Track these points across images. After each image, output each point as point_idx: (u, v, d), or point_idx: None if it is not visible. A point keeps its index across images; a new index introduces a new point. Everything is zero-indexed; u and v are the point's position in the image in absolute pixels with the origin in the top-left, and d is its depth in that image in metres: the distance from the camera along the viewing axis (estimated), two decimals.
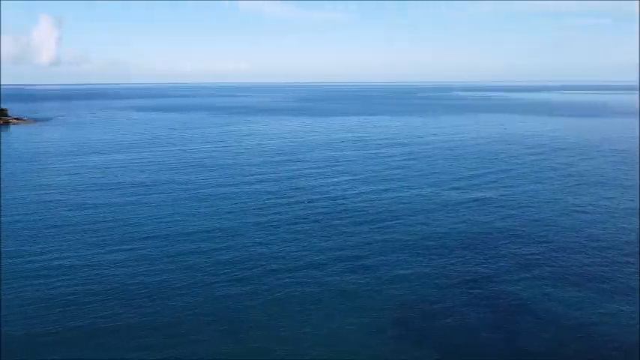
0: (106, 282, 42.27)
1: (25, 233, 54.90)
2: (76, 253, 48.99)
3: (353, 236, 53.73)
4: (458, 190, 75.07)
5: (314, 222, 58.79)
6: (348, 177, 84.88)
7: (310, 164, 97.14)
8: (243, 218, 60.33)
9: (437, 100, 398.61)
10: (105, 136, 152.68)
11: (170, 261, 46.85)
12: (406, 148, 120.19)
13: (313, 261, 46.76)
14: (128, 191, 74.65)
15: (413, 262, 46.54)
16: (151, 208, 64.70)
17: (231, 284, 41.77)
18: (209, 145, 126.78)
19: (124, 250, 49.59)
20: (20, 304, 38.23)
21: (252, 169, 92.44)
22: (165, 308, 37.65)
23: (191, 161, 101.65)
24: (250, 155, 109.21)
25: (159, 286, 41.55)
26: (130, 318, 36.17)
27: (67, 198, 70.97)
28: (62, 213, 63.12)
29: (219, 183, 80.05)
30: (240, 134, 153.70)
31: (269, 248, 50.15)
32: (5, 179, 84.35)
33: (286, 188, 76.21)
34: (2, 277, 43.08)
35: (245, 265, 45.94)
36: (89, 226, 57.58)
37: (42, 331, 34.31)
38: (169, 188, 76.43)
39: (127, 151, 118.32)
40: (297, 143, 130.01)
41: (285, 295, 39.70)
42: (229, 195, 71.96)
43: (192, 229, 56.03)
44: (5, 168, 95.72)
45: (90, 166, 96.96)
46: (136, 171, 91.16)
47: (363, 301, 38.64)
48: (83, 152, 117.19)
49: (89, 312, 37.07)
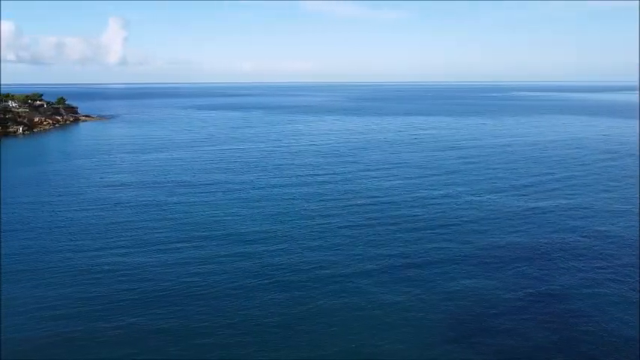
0: (158, 282, 42.97)
1: (92, 229, 57.17)
2: (131, 250, 50.37)
3: (405, 243, 52.05)
4: (517, 196, 71.35)
5: (366, 226, 57.51)
6: (404, 180, 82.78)
7: (365, 165, 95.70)
8: (295, 221, 59.93)
9: (495, 101, 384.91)
10: (165, 134, 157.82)
11: (222, 261, 47.11)
12: (464, 150, 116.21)
13: (364, 268, 45.54)
14: (185, 190, 76.20)
15: (467, 273, 44.36)
16: (206, 209, 65.58)
17: (279, 289, 41.33)
18: (265, 145, 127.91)
19: (176, 250, 50.38)
20: (82, 301, 39.55)
21: (306, 169, 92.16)
22: (214, 310, 37.72)
23: (247, 160, 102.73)
24: (305, 155, 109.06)
25: (209, 287, 41.76)
26: (180, 319, 36.49)
27: (125, 196, 73.36)
28: (120, 211, 65.22)
29: (273, 184, 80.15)
30: (297, 134, 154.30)
31: (319, 253, 49.40)
32: (72, 175, 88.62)
33: (339, 190, 75.27)
34: (68, 273, 44.81)
35: (295, 269, 45.41)
36: (146, 223, 59.15)
37: (102, 328, 35.34)
38: (224, 188, 77.40)
39: (185, 148, 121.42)
40: (353, 143, 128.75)
41: (332, 303, 38.75)
42: (283, 196, 71.86)
43: (244, 231, 56.21)
44: (73, 163, 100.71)
45: (149, 164, 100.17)
46: (193, 170, 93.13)
47: (413, 314, 37.04)
48: (143, 149, 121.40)
49: (147, 312, 37.77)
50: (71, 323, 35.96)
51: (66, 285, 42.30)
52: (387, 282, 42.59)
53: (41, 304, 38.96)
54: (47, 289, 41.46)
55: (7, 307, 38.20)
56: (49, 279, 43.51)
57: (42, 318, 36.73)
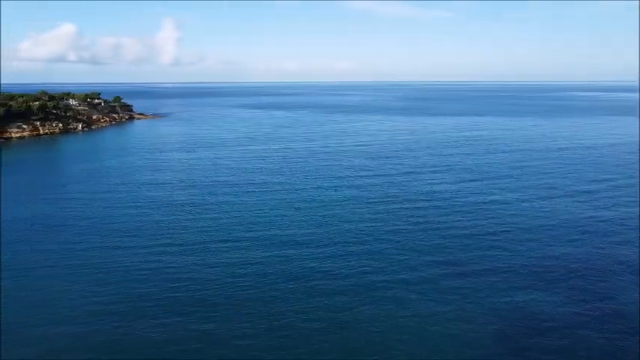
0: (201, 283, 43.42)
1: (140, 227, 58.79)
2: (176, 249, 51.31)
3: (451, 251, 50.37)
4: (574, 203, 67.78)
5: (411, 232, 56.03)
6: (452, 183, 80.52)
7: (411, 168, 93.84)
8: (338, 224, 59.21)
9: (549, 101, 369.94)
10: (213, 132, 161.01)
11: (264, 263, 47.09)
12: (516, 153, 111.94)
13: (407, 276, 44.28)
14: (230, 190, 77.07)
15: (517, 285, 42.29)
16: (250, 210, 65.99)
17: (319, 294, 40.74)
18: (311, 144, 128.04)
19: (219, 251, 50.80)
20: (126, 299, 40.57)
21: (351, 171, 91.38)
22: (255, 312, 37.70)
23: (292, 160, 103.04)
24: (350, 156, 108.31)
25: (251, 290, 41.78)
26: (221, 321, 36.62)
27: (173, 195, 75.05)
28: (168, 210, 66.69)
29: (317, 185, 79.83)
30: (342, 133, 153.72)
31: (362, 258, 48.45)
32: (124, 172, 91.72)
33: (385, 193, 74.08)
34: (115, 270, 46.15)
35: (336, 275, 44.69)
36: (191, 223, 60.19)
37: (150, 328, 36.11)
38: (269, 188, 77.69)
39: (232, 147, 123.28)
40: (399, 144, 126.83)
41: (373, 311, 37.80)
42: (326, 198, 71.40)
43: (286, 233, 56.05)
44: (126, 160, 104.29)
45: (197, 162, 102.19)
46: (239, 169, 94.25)
47: (457, 326, 35.55)
48: (193, 147, 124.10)
49: (189, 312, 38.26)
50: (114, 320, 36.81)
51: (110, 282, 43.43)
52: (431, 291, 41.29)
53: (87, 299, 40.17)
54: (93, 285, 42.69)
55: (59, 300, 39.65)
56: (96, 275, 44.82)
57: (89, 313, 37.85)
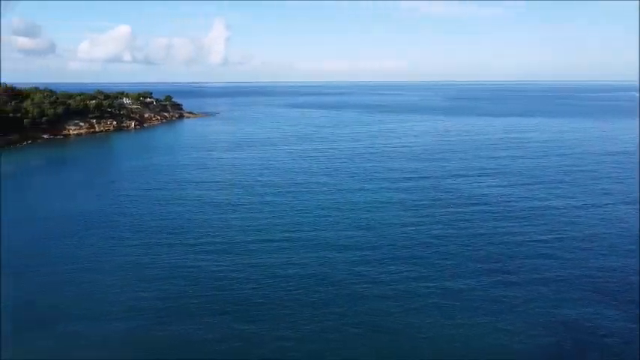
0: (243, 283, 43.72)
1: (185, 226, 60.05)
2: (219, 248, 51.98)
3: (501, 258, 48.50)
4: (632, 211, 64.00)
5: (457, 237, 54.44)
6: (502, 187, 77.82)
7: (459, 170, 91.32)
8: (382, 227, 58.29)
9: (603, 102, 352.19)
10: (259, 131, 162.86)
11: (306, 265, 46.95)
12: (570, 155, 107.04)
13: (453, 284, 42.93)
14: (275, 191, 77.39)
15: (573, 298, 40.14)
16: (294, 211, 66.08)
17: (360, 300, 40.16)
18: (357, 144, 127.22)
19: (261, 252, 51.07)
20: (167, 297, 41.37)
21: (396, 172, 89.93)
22: (307, 315, 37.61)
23: (337, 161, 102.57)
24: (397, 157, 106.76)
25: (292, 292, 41.70)
26: (263, 321, 36.71)
27: (217, 194, 76.22)
28: (211, 209, 67.78)
29: (361, 187, 78.88)
30: (389, 134, 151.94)
31: (405, 263, 47.47)
32: (172, 170, 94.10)
33: (431, 196, 72.32)
34: (158, 269, 47.21)
35: (377, 280, 43.94)
36: (234, 222, 60.90)
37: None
38: (313, 189, 77.56)
39: (278, 146, 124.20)
40: (447, 145, 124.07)
41: (414, 321, 36.85)
42: (371, 200, 70.40)
43: (328, 235, 55.64)
44: (174, 158, 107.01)
45: (243, 161, 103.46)
46: (284, 169, 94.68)
47: (507, 341, 34.12)
48: (239, 146, 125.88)
49: (231, 313, 38.58)
50: (155, 317, 37.55)
51: (152, 279, 44.38)
52: (477, 299, 39.87)
53: (130, 296, 41.19)
54: (137, 282, 43.77)
55: (102, 295, 40.86)
56: (140, 272, 45.95)
57: (130, 309, 38.78)
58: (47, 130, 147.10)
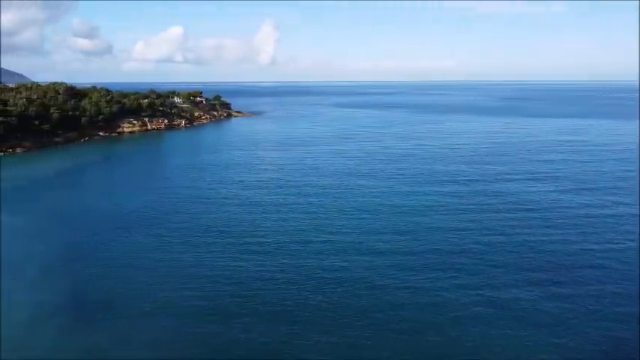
0: (286, 286, 43.80)
1: (231, 226, 60.96)
2: (264, 250, 52.36)
3: (558, 270, 46.38)
4: None
5: (507, 244, 52.59)
6: (554, 191, 74.40)
7: (510, 174, 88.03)
8: (426, 232, 56.89)
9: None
10: (306, 131, 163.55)
11: (348, 269, 46.60)
12: (628, 161, 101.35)
13: (501, 297, 41.27)
14: (318, 191, 77.29)
15: (627, 313, 38.04)
16: (338, 213, 65.73)
17: (398, 307, 39.43)
18: (404, 144, 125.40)
19: (301, 256, 50.99)
20: (211, 299, 42.00)
21: (444, 174, 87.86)
22: (346, 321, 37.33)
23: (384, 162, 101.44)
24: (444, 158, 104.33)
25: (340, 297, 41.53)
26: (302, 323, 36.66)
27: (262, 194, 76.81)
28: (256, 209, 68.39)
29: (409, 190, 77.37)
30: (438, 134, 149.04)
31: (449, 272, 46.19)
32: (219, 168, 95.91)
33: (478, 198, 70.10)
34: (202, 270, 48.07)
35: (425, 281, 43.12)
36: (279, 223, 61.16)
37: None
38: (358, 191, 76.87)
39: (324, 146, 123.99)
40: (498, 147, 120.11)
41: (466, 323, 35.92)
42: (416, 203, 68.86)
43: (371, 239, 54.86)
44: (222, 156, 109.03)
45: (289, 160, 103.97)
46: (330, 169, 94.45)
47: (559, 353, 32.71)
48: (285, 145, 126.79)
49: (279, 315, 38.79)
50: (196, 318, 38.04)
51: (194, 277, 45.05)
52: (521, 311, 38.10)
53: (170, 294, 42.03)
54: (177, 280, 44.60)
55: (142, 292, 41.94)
56: (181, 270, 46.78)
57: (170, 308, 39.58)
58: (103, 127, 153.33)
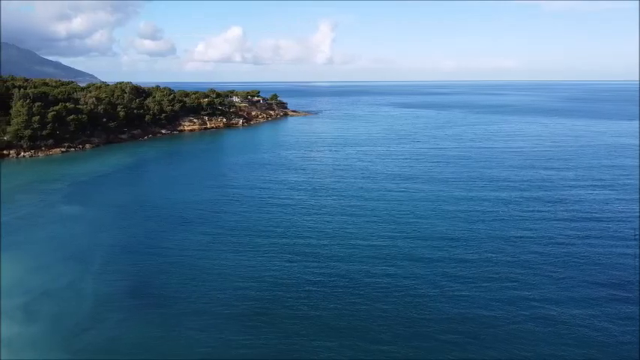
0: (340, 288, 43.67)
1: (284, 225, 61.53)
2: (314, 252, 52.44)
3: (620, 280, 43.65)
4: None
5: (568, 252, 50.09)
6: (624, 198, 70.13)
7: (575, 178, 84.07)
8: (484, 235, 55.22)
9: None
10: (363, 131, 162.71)
11: (400, 275, 45.86)
12: None
13: (563, 296, 39.52)
14: (375, 195, 76.52)
15: None
16: (391, 215, 64.85)
17: (464, 315, 38.32)
18: (461, 145, 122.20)
19: (358, 261, 50.66)
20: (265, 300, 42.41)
21: (503, 179, 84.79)
22: (400, 323, 36.73)
23: (441, 162, 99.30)
24: (504, 160, 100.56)
25: (392, 306, 40.93)
26: (360, 321, 36.46)
27: (315, 197, 77.03)
28: (306, 210, 68.68)
29: (465, 195, 75.20)
30: (497, 135, 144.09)
31: (508, 272, 44.46)
32: (274, 166, 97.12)
33: (538, 204, 67.02)
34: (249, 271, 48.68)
35: (480, 288, 41.70)
36: (329, 226, 61.03)
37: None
38: (414, 192, 75.67)
39: (380, 146, 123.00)
40: (561, 150, 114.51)
41: (520, 330, 34.33)
42: (474, 207, 66.75)
43: (428, 245, 53.82)
44: (277, 155, 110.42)
45: (345, 159, 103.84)
46: (384, 171, 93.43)
47: None
48: (341, 144, 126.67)
49: (326, 317, 38.72)
50: (244, 319, 38.54)
51: (243, 276, 45.64)
52: (590, 317, 36.02)
53: (217, 296, 42.72)
54: (228, 284, 45.31)
55: (192, 288, 42.88)
56: (229, 269, 47.54)
57: (214, 306, 40.22)
58: (165, 125, 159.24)
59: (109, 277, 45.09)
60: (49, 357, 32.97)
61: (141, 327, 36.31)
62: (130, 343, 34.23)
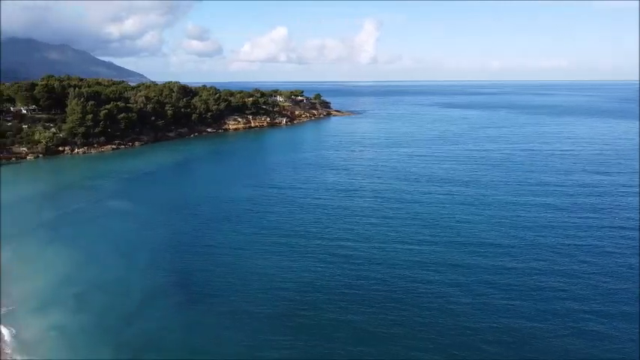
0: (391, 285, 43.44)
1: (337, 225, 61.69)
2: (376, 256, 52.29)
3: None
4: None
5: (620, 260, 47.83)
6: None
7: (629, 181, 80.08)
8: (534, 241, 53.46)
9: None
10: (406, 130, 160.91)
11: (445, 281, 45.13)
12: None
13: (616, 310, 37.83)
14: (420, 198, 75.47)
15: None
16: (432, 220, 63.86)
17: (520, 327, 37.35)
18: (508, 147, 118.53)
19: (410, 254, 50.15)
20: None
21: (553, 181, 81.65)
22: (452, 327, 36.25)
23: (487, 164, 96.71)
24: (555, 164, 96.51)
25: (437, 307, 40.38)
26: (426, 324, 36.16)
27: (359, 199, 76.71)
28: (347, 212, 68.52)
29: (510, 200, 72.86)
30: (546, 137, 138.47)
31: (561, 282, 42.89)
32: (317, 165, 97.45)
33: (592, 209, 64.26)
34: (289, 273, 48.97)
35: (535, 301, 40.48)
36: (379, 229, 60.69)
37: None
38: (459, 200, 74.21)
39: (424, 147, 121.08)
40: (614, 152, 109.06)
41: (568, 345, 33.12)
42: (523, 215, 64.52)
43: (471, 252, 52.64)
44: (319, 154, 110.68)
45: (386, 163, 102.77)
46: (428, 172, 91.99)
47: None
48: (383, 144, 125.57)
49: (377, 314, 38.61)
50: (297, 314, 38.78)
51: (289, 279, 45.95)
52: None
53: (268, 288, 43.15)
54: (270, 283, 45.75)
55: (245, 284, 43.49)
56: (276, 272, 47.90)
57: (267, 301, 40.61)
58: (210, 124, 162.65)
59: (154, 271, 46.59)
60: (98, 345, 34.42)
61: (184, 322, 37.35)
62: (174, 338, 35.27)
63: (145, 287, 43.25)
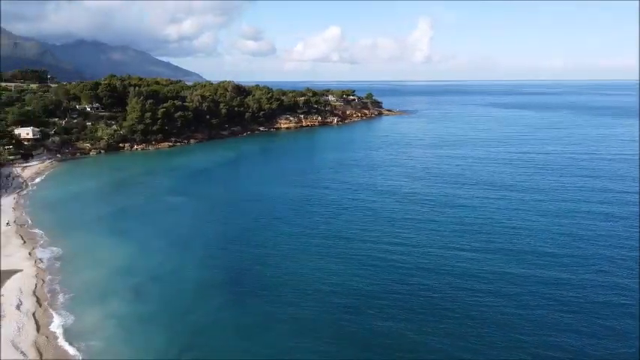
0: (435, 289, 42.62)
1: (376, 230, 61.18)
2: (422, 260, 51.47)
3: None
4: None
5: None
6: None
7: None
8: (598, 253, 50.70)
9: None
10: (459, 131, 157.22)
11: (502, 291, 43.65)
12: None
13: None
14: (472, 203, 73.56)
15: None
16: (499, 215, 62.01)
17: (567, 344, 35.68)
18: (568, 149, 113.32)
19: (457, 259, 49.01)
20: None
21: (618, 189, 76.96)
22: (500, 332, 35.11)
23: (548, 167, 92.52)
24: (621, 169, 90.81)
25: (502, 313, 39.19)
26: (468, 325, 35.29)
27: (410, 201, 75.53)
28: (402, 213, 67.55)
29: (573, 207, 69.04)
30: (611, 140, 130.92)
31: (621, 292, 40.59)
32: (368, 166, 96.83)
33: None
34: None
35: (589, 314, 38.54)
36: (421, 235, 59.59)
37: None
38: (518, 197, 71.52)
39: (478, 148, 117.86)
40: None
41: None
42: (582, 221, 61.39)
43: (532, 249, 50.69)
44: (369, 154, 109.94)
45: (439, 164, 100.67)
46: (481, 177, 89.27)
47: None
48: (436, 145, 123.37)
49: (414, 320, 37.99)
50: (342, 315, 38.70)
51: (338, 275, 45.69)
52: None
53: (313, 285, 43.15)
54: (317, 281, 45.79)
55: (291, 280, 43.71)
56: (321, 271, 47.84)
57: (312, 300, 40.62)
58: (263, 123, 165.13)
59: (208, 264, 47.83)
60: (153, 334, 35.65)
61: (237, 315, 38.15)
62: (227, 330, 36.13)
63: (198, 281, 44.45)
